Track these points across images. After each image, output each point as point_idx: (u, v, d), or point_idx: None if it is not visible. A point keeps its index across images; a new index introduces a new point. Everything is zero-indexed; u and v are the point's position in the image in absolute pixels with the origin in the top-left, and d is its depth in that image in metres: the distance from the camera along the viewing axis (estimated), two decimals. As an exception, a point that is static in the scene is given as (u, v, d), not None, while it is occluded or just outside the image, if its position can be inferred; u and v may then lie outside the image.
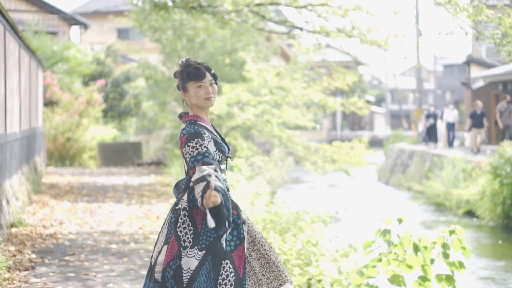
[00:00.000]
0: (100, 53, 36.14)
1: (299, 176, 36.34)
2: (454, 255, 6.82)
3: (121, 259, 9.52)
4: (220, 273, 4.80)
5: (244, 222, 5.02)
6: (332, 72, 23.37)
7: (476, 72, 39.75)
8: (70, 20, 38.13)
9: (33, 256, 9.50)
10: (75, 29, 41.23)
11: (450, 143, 33.33)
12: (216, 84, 5.18)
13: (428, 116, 33.75)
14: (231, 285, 4.80)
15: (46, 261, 9.28)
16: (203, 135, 4.91)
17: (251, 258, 4.99)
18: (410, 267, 6.83)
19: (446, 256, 6.73)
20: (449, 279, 6.76)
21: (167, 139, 31.82)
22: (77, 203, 15.53)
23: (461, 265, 6.71)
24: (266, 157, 23.32)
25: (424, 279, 6.80)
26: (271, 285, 4.95)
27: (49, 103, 27.57)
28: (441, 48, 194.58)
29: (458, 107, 59.70)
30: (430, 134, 33.86)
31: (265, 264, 5.01)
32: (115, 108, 34.56)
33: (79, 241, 10.86)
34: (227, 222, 4.78)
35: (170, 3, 19.53)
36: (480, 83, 37.92)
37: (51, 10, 36.81)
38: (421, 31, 43.25)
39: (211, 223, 4.60)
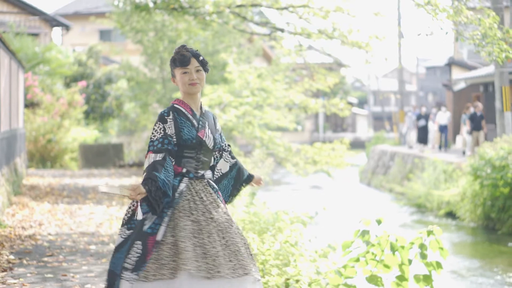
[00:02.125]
0: (82, 55, 36.05)
1: (281, 177, 36.35)
2: (432, 255, 6.84)
3: (100, 260, 9.49)
4: (130, 252, 5.02)
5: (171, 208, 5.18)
6: (313, 74, 23.41)
7: (457, 74, 39.87)
8: (52, 21, 37.98)
9: (11, 257, 9.45)
10: (57, 30, 41.05)
11: (442, 146, 32.36)
12: (206, 71, 5.35)
13: (419, 117, 33.26)
14: (132, 265, 4.99)
15: (24, 262, 9.24)
16: (166, 117, 5.21)
17: (216, 243, 5.05)
18: (387, 267, 6.83)
19: (423, 256, 6.74)
20: (427, 279, 6.76)
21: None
22: (57, 204, 15.48)
23: (438, 265, 6.72)
24: (247, 158, 23.31)
25: (401, 278, 6.80)
26: (236, 273, 5.00)
27: (30, 105, 27.47)
28: (423, 50, 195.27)
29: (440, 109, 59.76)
30: (421, 136, 33.27)
31: (236, 251, 5.10)
32: (97, 110, 34.49)
33: (58, 242, 10.82)
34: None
35: (151, 4, 19.49)
36: (462, 85, 38.05)
37: (33, 11, 36.64)
38: (403, 33, 43.38)
39: (139, 215, 5.07)
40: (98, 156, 28.63)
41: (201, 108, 5.38)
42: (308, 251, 8.68)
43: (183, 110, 5.26)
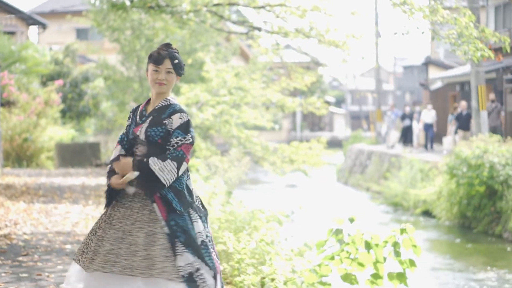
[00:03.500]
0: (59, 53, 35.89)
1: (258, 176, 36.37)
2: (406, 253, 6.86)
3: (75, 259, 9.43)
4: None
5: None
6: (290, 73, 23.44)
7: (434, 73, 40.09)
8: (28, 20, 37.79)
9: (-14, 256, 9.40)
10: (33, 29, 40.87)
11: (427, 145, 31.77)
12: (179, 75, 5.44)
13: (403, 117, 32.87)
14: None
15: (-1, 261, 9.19)
16: (130, 113, 5.61)
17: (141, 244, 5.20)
18: (362, 265, 6.86)
19: (397, 254, 6.77)
20: (401, 277, 6.80)
21: (126, 140, 31.63)
22: (33, 203, 15.39)
23: (412, 263, 6.75)
24: (224, 157, 23.33)
25: (376, 276, 6.83)
26: (162, 275, 5.12)
27: (6, 104, 27.29)
28: (401, 50, 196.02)
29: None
30: (406, 136, 32.91)
31: (167, 254, 5.19)
32: (74, 109, 34.32)
33: (33, 242, 10.76)
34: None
35: (128, 3, 19.44)
36: (438, 84, 38.24)
37: (9, 9, 36.44)
38: (380, 32, 43.51)
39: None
40: (75, 155, 28.49)
41: (158, 105, 5.43)
42: (284, 250, 8.69)
43: (139, 108, 5.57)
